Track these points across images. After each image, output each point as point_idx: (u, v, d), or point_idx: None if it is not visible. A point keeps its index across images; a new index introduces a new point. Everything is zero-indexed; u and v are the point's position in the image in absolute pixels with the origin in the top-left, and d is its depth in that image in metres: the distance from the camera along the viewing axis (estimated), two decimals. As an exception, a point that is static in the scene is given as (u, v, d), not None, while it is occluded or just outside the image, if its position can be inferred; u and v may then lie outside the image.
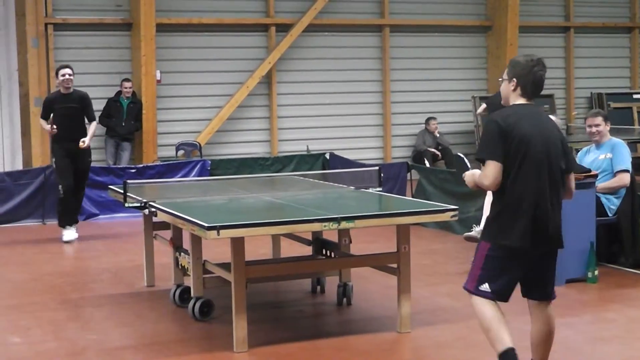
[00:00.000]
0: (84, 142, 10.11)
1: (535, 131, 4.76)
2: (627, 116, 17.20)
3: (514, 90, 4.88)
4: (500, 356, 4.74)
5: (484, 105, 14.79)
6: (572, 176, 5.02)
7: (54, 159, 10.79)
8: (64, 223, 10.40)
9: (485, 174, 4.74)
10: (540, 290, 4.96)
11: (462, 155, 5.56)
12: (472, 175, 4.93)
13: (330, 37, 15.74)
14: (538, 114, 4.92)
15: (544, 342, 5.01)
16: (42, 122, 10.45)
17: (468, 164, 5.33)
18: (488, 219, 4.92)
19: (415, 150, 15.61)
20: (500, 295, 4.79)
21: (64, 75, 10.22)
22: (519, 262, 4.80)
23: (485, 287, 4.76)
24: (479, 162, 4.85)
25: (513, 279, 4.83)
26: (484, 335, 4.86)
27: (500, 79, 5.04)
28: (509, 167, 4.72)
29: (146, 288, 7.95)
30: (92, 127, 10.47)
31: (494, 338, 4.75)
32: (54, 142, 10.52)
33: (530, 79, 4.83)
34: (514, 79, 4.86)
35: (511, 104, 4.91)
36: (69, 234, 10.36)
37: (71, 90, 10.26)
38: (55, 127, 10.15)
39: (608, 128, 8.41)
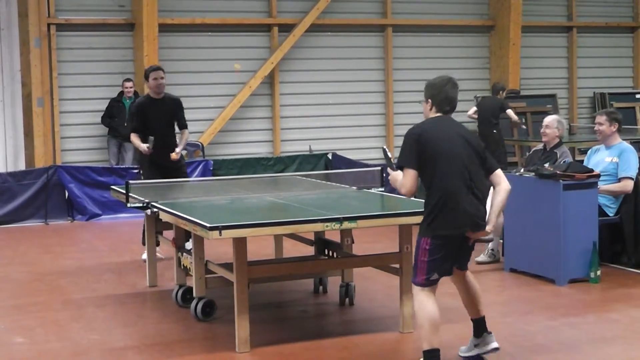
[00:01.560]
0: (177, 153, 8.89)
1: (446, 135, 5.27)
2: (630, 116, 17.18)
3: (431, 109, 5.44)
4: (425, 352, 5.26)
5: (474, 109, 14.79)
6: (499, 172, 5.40)
7: (141, 172, 9.34)
8: None
9: (402, 183, 5.25)
10: (462, 264, 5.46)
11: (385, 149, 5.76)
12: (396, 175, 5.39)
13: (333, 37, 15.73)
14: (450, 121, 5.44)
15: (473, 300, 5.57)
16: (134, 137, 8.93)
17: (392, 160, 5.61)
18: (424, 216, 5.32)
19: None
20: (442, 276, 5.35)
21: (156, 78, 8.87)
22: (453, 245, 5.27)
23: (435, 276, 5.28)
24: (399, 169, 5.30)
25: (451, 259, 5.33)
26: (420, 330, 5.33)
27: (419, 102, 5.63)
28: (430, 169, 5.20)
29: (149, 288, 7.96)
30: (185, 136, 9.19)
31: (425, 336, 5.27)
32: (142, 154, 9.03)
33: (443, 97, 5.38)
34: (429, 100, 5.43)
35: (431, 117, 5.44)
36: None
37: (162, 94, 8.99)
38: (151, 146, 8.76)
39: (613, 129, 8.36)
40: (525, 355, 5.68)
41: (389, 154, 5.68)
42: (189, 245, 8.73)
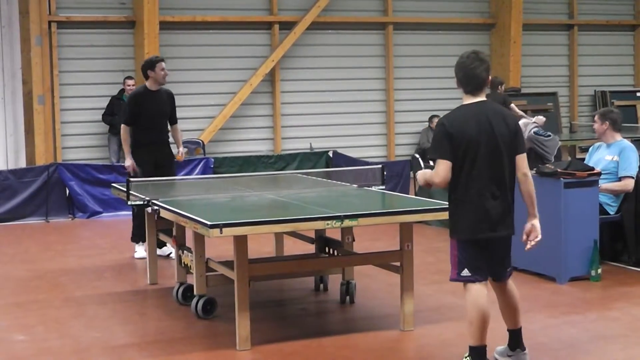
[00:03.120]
0: (182, 153, 9.07)
1: (479, 129, 5.07)
2: (631, 114, 17.18)
3: (460, 89, 5.23)
4: (471, 348, 5.16)
5: None
6: (523, 156, 5.23)
7: (134, 174, 8.85)
8: (138, 239, 9.05)
9: (436, 172, 5.12)
10: (498, 272, 5.30)
11: (417, 156, 5.78)
12: (423, 173, 5.30)
13: (334, 35, 15.74)
14: (485, 110, 5.16)
15: (513, 311, 5.38)
16: (125, 133, 8.84)
17: (422, 164, 5.62)
18: (450, 214, 5.29)
19: (419, 148, 15.60)
20: (479, 275, 5.15)
21: (163, 69, 8.83)
22: (480, 247, 5.17)
23: (466, 272, 5.15)
24: (432, 161, 5.21)
25: (482, 259, 5.18)
26: (468, 327, 5.17)
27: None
28: (458, 166, 5.08)
29: (149, 286, 7.96)
30: (179, 133, 9.20)
31: (473, 332, 5.14)
32: (137, 147, 8.84)
33: (462, 75, 5.16)
34: (456, 80, 5.22)
35: (463, 103, 5.21)
36: (142, 251, 8.85)
37: (164, 85, 8.94)
38: (138, 173, 8.62)
39: (605, 127, 8.37)
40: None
41: (420, 161, 5.67)
42: (165, 250, 8.77)
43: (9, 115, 13.67)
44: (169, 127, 9.14)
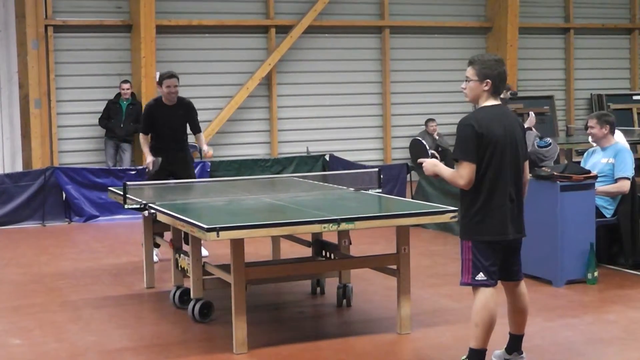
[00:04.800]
0: (207, 151, 9.21)
1: (505, 133, 5.09)
2: (627, 117, 17.20)
3: (486, 90, 5.16)
4: (471, 350, 5.17)
5: None
6: (527, 163, 5.37)
7: (147, 171, 9.15)
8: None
9: (460, 174, 5.07)
10: (511, 273, 5.36)
11: (423, 142, 5.70)
12: (434, 165, 5.27)
13: (330, 39, 15.75)
14: (506, 114, 5.24)
15: (518, 315, 5.43)
16: (143, 140, 9.09)
17: (429, 151, 5.56)
18: (464, 217, 5.23)
19: (415, 151, 15.62)
20: (493, 280, 5.18)
21: (169, 86, 8.85)
22: (497, 249, 5.18)
23: (481, 276, 5.13)
24: (455, 161, 5.14)
25: (496, 263, 5.20)
26: (474, 329, 5.17)
27: (466, 80, 5.24)
28: (484, 167, 5.05)
29: (146, 290, 7.96)
30: (202, 140, 9.32)
31: (477, 334, 5.13)
32: (152, 151, 9.02)
33: (498, 76, 5.13)
34: (488, 80, 5.13)
35: (482, 104, 5.19)
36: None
37: (174, 102, 9.00)
38: (157, 167, 8.85)
39: (605, 131, 8.37)
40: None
41: (427, 148, 5.61)
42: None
43: (5, 119, 13.66)
44: (187, 134, 9.23)
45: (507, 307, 5.45)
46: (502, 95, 5.29)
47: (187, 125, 9.24)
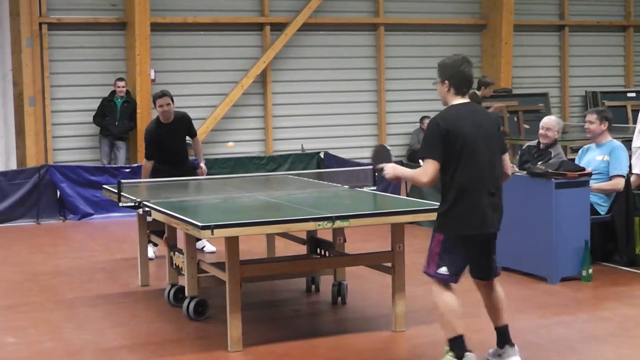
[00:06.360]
0: (203, 168, 9.41)
1: (475, 129, 5.14)
2: (622, 114, 17.21)
3: (448, 91, 5.29)
4: (449, 340, 5.17)
5: None
6: (506, 156, 5.38)
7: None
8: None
9: (424, 171, 5.12)
10: (486, 272, 5.37)
11: (387, 147, 5.69)
12: (393, 168, 5.35)
13: (325, 36, 15.73)
14: (476, 111, 5.31)
15: (499, 310, 5.40)
16: (144, 169, 9.24)
17: (391, 156, 5.56)
18: (439, 212, 5.27)
19: (410, 149, 15.61)
20: (455, 276, 5.19)
21: (162, 105, 8.95)
22: (468, 246, 5.20)
23: (443, 270, 5.17)
24: (421, 159, 5.20)
25: (464, 261, 5.25)
26: (440, 320, 5.23)
27: (433, 82, 5.43)
28: (454, 163, 5.09)
29: (141, 288, 7.96)
30: (199, 145, 9.64)
31: (446, 323, 5.18)
32: (156, 173, 9.07)
33: (460, 77, 5.25)
34: (446, 81, 5.28)
35: (450, 104, 5.28)
36: (150, 251, 8.81)
37: (171, 119, 9.08)
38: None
39: (604, 127, 8.39)
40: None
41: (390, 153, 5.61)
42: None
43: (-1, 117, 13.64)
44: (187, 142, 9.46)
45: (483, 303, 5.47)
46: (479, 92, 5.38)
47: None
